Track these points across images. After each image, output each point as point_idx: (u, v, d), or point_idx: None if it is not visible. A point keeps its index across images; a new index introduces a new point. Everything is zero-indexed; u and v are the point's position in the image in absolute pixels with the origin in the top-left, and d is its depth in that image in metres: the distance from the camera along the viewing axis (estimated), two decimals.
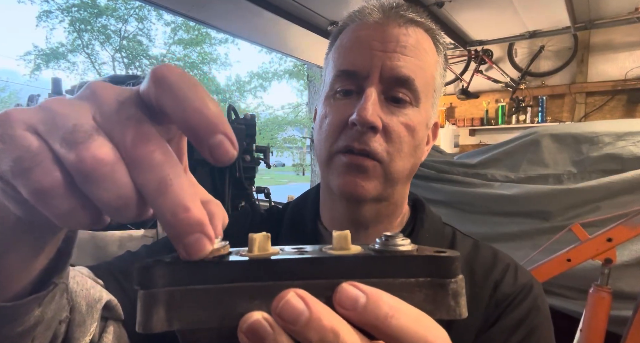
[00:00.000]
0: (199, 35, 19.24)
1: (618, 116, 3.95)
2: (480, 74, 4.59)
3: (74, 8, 16.74)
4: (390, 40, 0.51)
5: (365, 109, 0.48)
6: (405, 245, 0.23)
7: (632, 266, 1.55)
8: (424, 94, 0.53)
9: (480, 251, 0.58)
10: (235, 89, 22.61)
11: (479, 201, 1.99)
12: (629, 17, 3.12)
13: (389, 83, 0.51)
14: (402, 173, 0.53)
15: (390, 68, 0.50)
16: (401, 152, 0.52)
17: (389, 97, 0.52)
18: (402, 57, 0.51)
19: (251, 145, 1.47)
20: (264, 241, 0.23)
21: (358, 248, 0.24)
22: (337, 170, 0.52)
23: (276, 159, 26.30)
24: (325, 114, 0.54)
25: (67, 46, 17.71)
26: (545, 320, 0.55)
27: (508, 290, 0.54)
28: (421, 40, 0.53)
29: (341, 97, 0.53)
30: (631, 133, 1.76)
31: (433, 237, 0.58)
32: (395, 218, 0.58)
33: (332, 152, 0.53)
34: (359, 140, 0.50)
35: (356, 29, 0.54)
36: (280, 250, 0.24)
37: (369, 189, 0.51)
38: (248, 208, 0.72)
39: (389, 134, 0.51)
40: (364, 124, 0.49)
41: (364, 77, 0.51)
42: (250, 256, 0.23)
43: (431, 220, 0.60)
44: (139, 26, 18.34)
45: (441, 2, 2.80)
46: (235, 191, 1.40)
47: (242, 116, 1.46)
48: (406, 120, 0.51)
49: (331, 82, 0.54)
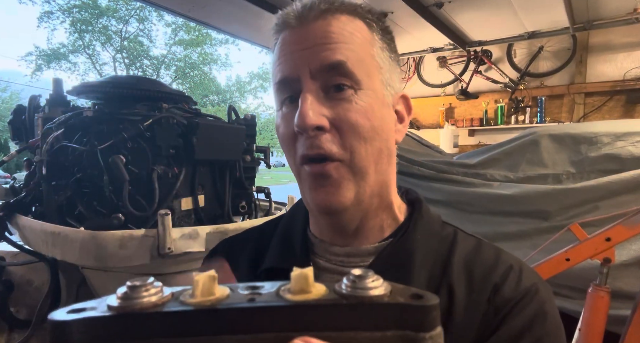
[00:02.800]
0: (199, 36, 19.25)
1: (617, 116, 3.95)
2: (479, 75, 4.59)
3: (75, 9, 16.74)
4: (308, 38, 0.50)
5: (302, 113, 0.47)
6: (376, 288, 0.20)
7: (630, 265, 1.56)
8: (364, 74, 0.50)
9: (481, 252, 0.55)
10: (236, 90, 22.62)
11: (478, 201, 2.00)
12: (627, 18, 3.12)
13: (322, 75, 0.49)
14: (369, 160, 0.50)
15: (316, 61, 0.49)
16: (360, 139, 0.49)
17: (329, 89, 0.50)
18: (325, 47, 0.49)
19: (251, 145, 1.47)
20: (209, 283, 0.20)
21: (322, 289, 0.20)
22: (306, 185, 0.51)
23: (276, 159, 26.29)
24: (278, 127, 0.54)
25: (68, 47, 17.72)
26: (553, 328, 0.49)
27: (509, 294, 0.49)
28: (344, 25, 0.51)
29: (287, 105, 0.52)
30: (630, 133, 1.77)
31: (427, 239, 0.55)
32: (383, 210, 0.56)
33: (298, 164, 0.51)
34: (311, 146, 0.48)
35: (280, 41, 0.53)
36: (230, 291, 0.20)
37: (343, 198, 0.49)
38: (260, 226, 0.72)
39: (340, 126, 0.49)
40: (305, 129, 0.47)
41: (296, 81, 0.50)
42: (193, 304, 0.19)
43: (427, 220, 0.57)
44: (140, 27, 18.36)
45: (440, 3, 2.81)
46: (236, 191, 1.40)
47: (242, 117, 1.46)
48: (353, 105, 0.49)
49: (275, 98, 0.54)
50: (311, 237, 0.59)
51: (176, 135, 1.17)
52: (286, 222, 0.64)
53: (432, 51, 3.94)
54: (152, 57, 19.55)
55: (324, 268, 0.56)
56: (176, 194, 1.18)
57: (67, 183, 1.16)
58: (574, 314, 1.49)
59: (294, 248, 0.58)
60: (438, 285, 0.51)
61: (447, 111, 4.93)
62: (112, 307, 0.19)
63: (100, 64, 18.48)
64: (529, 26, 3.36)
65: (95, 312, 0.19)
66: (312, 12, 0.51)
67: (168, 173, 1.14)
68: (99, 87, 1.19)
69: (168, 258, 1.06)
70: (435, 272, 0.52)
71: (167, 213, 1.05)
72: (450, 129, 4.55)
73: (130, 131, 1.10)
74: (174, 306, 0.19)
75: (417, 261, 0.52)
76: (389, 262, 0.53)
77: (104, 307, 0.19)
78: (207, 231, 1.12)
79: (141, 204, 1.10)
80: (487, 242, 0.57)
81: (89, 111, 1.16)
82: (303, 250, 0.57)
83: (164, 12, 9.11)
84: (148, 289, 0.20)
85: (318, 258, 0.57)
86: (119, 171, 1.06)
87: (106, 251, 1.02)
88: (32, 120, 1.40)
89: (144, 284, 0.20)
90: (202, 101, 20.32)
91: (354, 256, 0.55)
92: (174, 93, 1.29)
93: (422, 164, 2.18)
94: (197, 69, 20.34)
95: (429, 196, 2.13)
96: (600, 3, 3.01)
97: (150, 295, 0.19)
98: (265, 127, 21.80)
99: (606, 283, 1.29)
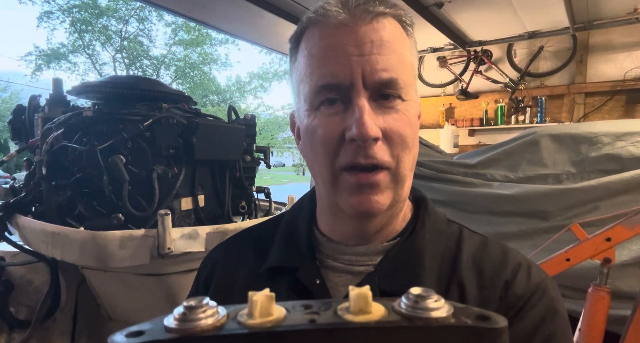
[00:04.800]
0: (199, 36, 19.25)
1: (617, 116, 3.95)
2: (479, 75, 4.59)
3: (75, 9, 16.73)
4: (364, 42, 0.48)
5: (363, 124, 0.46)
6: (439, 309, 0.19)
7: (630, 265, 1.56)
8: (409, 86, 0.51)
9: (489, 249, 0.55)
10: (236, 90, 22.61)
11: (479, 201, 2.00)
12: (627, 18, 3.12)
13: (374, 88, 0.49)
14: (409, 169, 0.52)
15: (371, 73, 0.48)
16: (405, 149, 0.50)
17: (377, 98, 0.49)
18: (380, 59, 0.48)
19: (251, 145, 1.47)
20: (266, 303, 0.19)
21: (380, 309, 0.19)
22: (346, 191, 0.50)
23: (276, 159, 26.30)
24: (314, 128, 0.51)
25: (68, 47, 17.71)
26: (564, 323, 0.51)
27: (520, 290, 0.50)
28: (393, 31, 0.50)
29: (326, 107, 0.50)
30: (630, 133, 1.77)
31: (434, 237, 0.56)
32: (400, 213, 0.57)
33: (336, 170, 0.50)
34: (364, 155, 0.48)
35: (323, 34, 0.50)
36: (286, 311, 0.20)
37: (384, 203, 0.50)
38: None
39: (390, 137, 0.49)
40: (365, 140, 0.47)
41: (348, 87, 0.48)
42: (251, 326, 0.19)
43: (433, 219, 0.58)
44: (140, 27, 18.36)
45: (441, 3, 2.81)
46: (236, 191, 1.40)
47: (242, 117, 1.46)
48: (401, 116, 0.50)
49: (311, 97, 0.51)
50: (318, 236, 0.59)
51: (176, 135, 1.17)
52: (289, 221, 0.63)
53: (432, 51, 3.94)
54: (152, 57, 19.55)
55: (331, 267, 0.56)
56: (176, 194, 1.18)
57: (67, 183, 1.16)
58: (574, 314, 1.49)
59: (299, 247, 0.58)
60: (449, 282, 0.52)
61: (447, 111, 4.93)
62: (170, 329, 0.19)
63: (100, 64, 18.48)
64: (529, 26, 3.36)
65: (155, 335, 0.19)
66: (369, 14, 0.49)
67: (168, 173, 1.14)
68: (98, 87, 1.19)
69: (168, 258, 1.06)
70: (445, 269, 0.53)
71: (167, 213, 1.05)
72: (450, 129, 4.55)
73: (130, 131, 1.10)
74: (234, 328, 0.19)
75: (427, 260, 0.53)
76: (398, 261, 0.53)
77: (161, 329, 0.19)
78: (207, 231, 1.12)
79: (141, 204, 1.10)
80: (492, 239, 0.58)
81: (88, 111, 1.16)
82: (309, 249, 0.57)
83: (164, 12, 9.12)
84: (205, 310, 0.19)
85: (325, 257, 0.57)
86: (118, 171, 1.06)
87: (106, 251, 1.01)
88: (32, 120, 1.40)
89: (200, 305, 0.20)
90: (202, 101, 20.32)
91: (362, 255, 0.55)
92: (174, 93, 1.29)
93: (422, 164, 2.18)
94: (197, 69, 20.34)
95: (429, 196, 2.12)
96: (600, 3, 3.01)
97: (207, 317, 0.19)
98: (265, 127, 21.80)
99: (606, 283, 1.29)
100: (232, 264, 0.62)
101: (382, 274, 0.52)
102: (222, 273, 0.63)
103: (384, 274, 0.52)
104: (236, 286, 0.59)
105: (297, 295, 0.54)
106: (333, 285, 0.54)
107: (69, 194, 1.15)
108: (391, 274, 0.52)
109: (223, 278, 0.62)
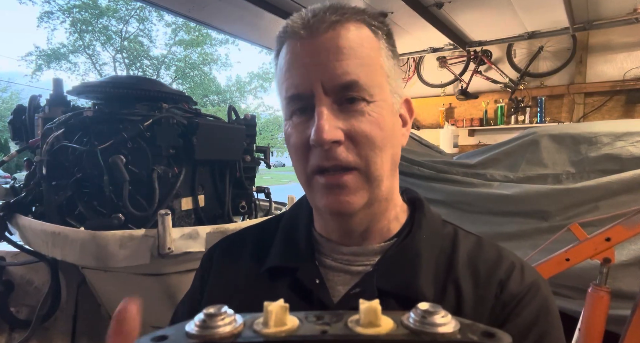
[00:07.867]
0: (199, 36, 19.26)
1: (617, 116, 3.95)
2: (479, 75, 4.59)
3: (75, 9, 16.73)
4: (319, 52, 0.50)
5: (319, 129, 0.48)
6: (446, 325, 0.20)
7: (630, 265, 1.56)
8: (376, 87, 0.51)
9: (483, 249, 0.57)
10: (236, 90, 22.63)
11: (478, 201, 2.00)
12: (627, 18, 3.13)
13: (336, 93, 0.50)
14: (383, 169, 0.52)
15: (329, 79, 0.49)
16: (374, 149, 0.50)
17: (342, 101, 0.50)
18: (337, 64, 0.49)
19: (251, 145, 1.47)
20: (281, 313, 0.20)
21: (389, 322, 0.20)
22: (319, 192, 0.52)
23: (276, 159, 26.30)
24: (289, 136, 0.54)
25: (68, 47, 17.71)
26: (557, 322, 0.53)
27: (515, 289, 0.52)
28: (353, 36, 0.51)
29: (297, 116, 0.53)
30: (630, 133, 1.77)
31: (431, 237, 0.57)
32: (390, 212, 0.58)
33: (309, 173, 0.53)
34: (327, 157, 0.49)
35: (288, 49, 0.53)
36: (299, 321, 0.21)
37: (355, 203, 0.51)
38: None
39: (355, 138, 0.50)
40: (322, 144, 0.48)
41: (310, 96, 0.50)
42: (267, 335, 0.20)
43: (429, 219, 0.59)
44: (140, 27, 18.36)
45: (440, 3, 2.81)
46: (236, 191, 1.40)
47: (242, 117, 1.46)
48: (367, 117, 0.50)
49: (284, 108, 0.54)
50: (316, 236, 0.60)
51: (176, 135, 1.17)
52: (288, 221, 0.64)
53: (432, 51, 3.94)
54: (152, 57, 19.56)
55: (330, 267, 0.57)
56: (176, 194, 1.18)
57: (67, 183, 1.16)
58: (574, 314, 1.49)
59: (299, 247, 0.59)
60: (445, 282, 0.53)
61: (447, 111, 4.93)
62: (191, 335, 0.20)
63: (100, 64, 18.49)
64: (529, 26, 3.37)
65: (178, 340, 0.20)
66: (323, 24, 0.50)
67: (168, 173, 1.14)
68: (99, 87, 1.19)
69: (168, 258, 1.06)
70: (441, 269, 0.54)
71: (167, 213, 1.05)
72: (450, 129, 4.55)
73: (130, 131, 1.10)
74: (250, 336, 0.20)
75: (424, 259, 0.54)
76: (396, 261, 0.54)
77: (182, 335, 0.20)
78: (207, 231, 1.12)
79: (141, 204, 1.10)
80: (486, 239, 0.59)
81: (89, 111, 1.16)
82: (308, 249, 0.58)
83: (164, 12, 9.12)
84: (223, 318, 0.21)
85: (324, 257, 0.58)
86: (119, 171, 1.06)
87: (106, 251, 1.02)
88: (32, 120, 1.40)
89: (219, 312, 0.21)
90: (202, 101, 20.32)
91: (360, 255, 0.56)
92: (174, 93, 1.29)
93: (422, 164, 2.18)
94: (197, 69, 20.35)
95: (429, 196, 2.13)
96: (600, 3, 3.01)
97: (226, 324, 0.20)
98: (265, 128, 21.81)
99: (606, 283, 1.29)
100: (232, 263, 0.63)
101: (380, 273, 0.53)
102: (221, 271, 0.63)
103: (381, 273, 0.53)
104: (237, 286, 0.60)
105: (298, 295, 0.55)
106: (332, 284, 0.55)
107: (69, 194, 1.16)
108: (389, 273, 0.53)
109: (223, 277, 0.62)
